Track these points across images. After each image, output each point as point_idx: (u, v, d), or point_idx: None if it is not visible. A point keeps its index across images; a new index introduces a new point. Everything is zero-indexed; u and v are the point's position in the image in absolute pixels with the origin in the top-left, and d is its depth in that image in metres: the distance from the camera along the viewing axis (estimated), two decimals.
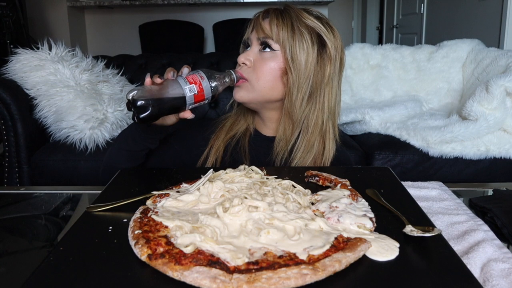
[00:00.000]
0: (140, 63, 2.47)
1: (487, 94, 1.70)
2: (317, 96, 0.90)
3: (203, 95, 0.78)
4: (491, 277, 0.52)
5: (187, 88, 0.76)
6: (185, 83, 0.76)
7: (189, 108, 0.78)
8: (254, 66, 0.90)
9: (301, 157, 0.92)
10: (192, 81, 0.76)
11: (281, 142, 0.94)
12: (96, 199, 0.64)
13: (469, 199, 0.80)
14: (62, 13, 4.01)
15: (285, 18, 0.89)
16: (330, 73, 0.90)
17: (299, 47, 0.87)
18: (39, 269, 0.44)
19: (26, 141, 1.84)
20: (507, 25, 2.47)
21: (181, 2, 3.99)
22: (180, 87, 0.75)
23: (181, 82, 0.76)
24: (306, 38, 0.88)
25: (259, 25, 0.90)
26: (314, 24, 0.89)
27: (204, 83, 0.78)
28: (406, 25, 4.18)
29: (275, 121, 0.98)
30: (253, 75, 0.90)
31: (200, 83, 0.77)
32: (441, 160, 1.74)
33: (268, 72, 0.89)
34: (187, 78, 0.77)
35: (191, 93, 0.76)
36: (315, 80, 0.89)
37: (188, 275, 0.42)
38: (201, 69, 0.80)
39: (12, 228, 0.76)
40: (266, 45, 0.89)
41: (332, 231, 0.52)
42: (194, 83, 0.76)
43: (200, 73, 0.78)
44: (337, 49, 0.91)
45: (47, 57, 1.90)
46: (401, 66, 2.36)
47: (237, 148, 0.97)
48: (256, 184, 0.64)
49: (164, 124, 0.85)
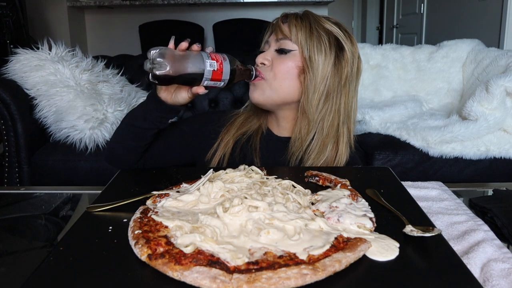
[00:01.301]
0: (140, 63, 2.47)
1: (487, 94, 1.70)
2: (334, 98, 0.91)
3: (220, 75, 0.78)
4: (491, 277, 0.52)
5: (208, 62, 0.76)
6: (207, 57, 0.76)
7: (204, 84, 0.78)
8: (272, 66, 0.92)
9: (314, 158, 0.93)
10: (215, 58, 0.77)
11: (297, 142, 0.95)
12: (96, 199, 0.64)
13: (469, 199, 0.80)
14: (62, 13, 4.01)
15: (304, 21, 0.91)
16: (347, 76, 0.92)
17: (317, 48, 0.89)
18: (39, 269, 0.45)
19: (26, 141, 1.84)
20: (507, 25, 2.47)
21: (181, 2, 3.99)
22: (202, 59, 0.76)
23: (204, 56, 0.76)
24: (324, 40, 0.90)
25: (278, 27, 0.93)
26: (332, 28, 0.92)
27: (225, 64, 0.78)
28: (406, 25, 4.18)
29: (290, 121, 0.98)
30: (270, 73, 0.91)
31: (222, 62, 0.78)
32: (441, 160, 1.74)
33: (286, 70, 0.90)
34: (211, 55, 0.77)
35: (210, 68, 0.76)
36: (332, 82, 0.91)
37: (188, 275, 0.42)
38: (226, 53, 0.81)
39: (12, 228, 0.76)
40: (283, 46, 0.91)
41: (332, 231, 0.52)
42: (216, 60, 0.77)
43: (224, 55, 0.79)
44: (355, 55, 0.94)
45: (47, 57, 1.90)
46: (401, 66, 2.36)
47: (247, 145, 0.97)
48: (256, 184, 0.64)
49: (175, 103, 0.83)
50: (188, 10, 4.26)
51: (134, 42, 4.11)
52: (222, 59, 0.78)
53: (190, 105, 2.33)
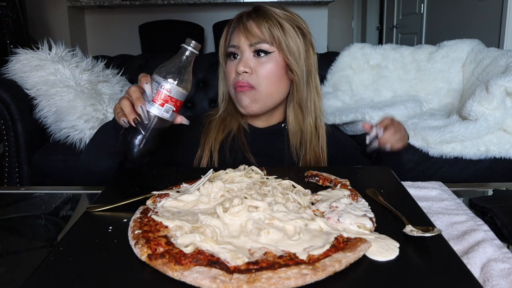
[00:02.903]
0: (140, 63, 2.47)
1: (487, 94, 1.70)
2: (312, 81, 0.96)
3: (180, 102, 0.72)
4: (491, 277, 0.52)
5: (164, 112, 0.70)
6: (158, 109, 0.70)
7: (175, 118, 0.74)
8: (256, 72, 0.90)
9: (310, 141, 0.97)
10: (161, 101, 0.70)
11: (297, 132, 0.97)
12: (96, 199, 0.64)
13: (469, 199, 0.80)
14: (62, 13, 4.01)
15: (269, 18, 0.91)
16: (314, 52, 0.97)
17: (291, 40, 0.91)
18: (39, 269, 0.44)
19: (26, 141, 1.84)
20: (507, 25, 2.47)
21: (181, 2, 3.99)
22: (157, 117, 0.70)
23: (154, 111, 0.70)
24: (291, 31, 0.92)
25: (248, 31, 0.91)
26: (290, 17, 0.94)
27: (173, 91, 0.70)
28: (406, 25, 4.18)
29: (273, 113, 1.00)
30: (258, 81, 0.90)
31: (170, 96, 0.70)
32: (441, 160, 1.74)
33: (272, 73, 0.91)
34: (155, 101, 0.70)
35: (169, 113, 0.71)
36: (308, 66, 0.95)
37: (188, 275, 0.42)
38: (156, 74, 0.71)
39: (12, 228, 0.76)
40: (260, 50, 0.91)
41: (332, 231, 0.52)
42: (165, 101, 0.70)
43: (162, 83, 0.69)
44: (311, 35, 0.98)
45: (47, 57, 1.89)
46: (401, 66, 2.36)
47: (234, 145, 0.97)
48: (256, 184, 0.64)
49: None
50: (188, 10, 4.26)
51: (134, 42, 4.11)
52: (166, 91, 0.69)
53: (190, 105, 2.33)
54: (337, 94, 2.21)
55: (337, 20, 4.79)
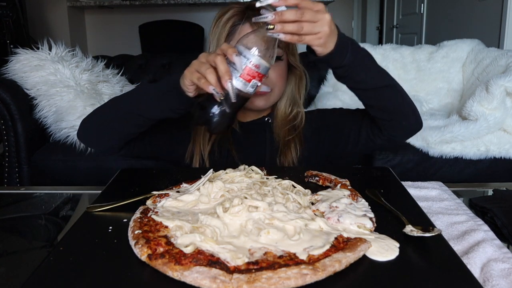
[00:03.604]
0: (140, 63, 2.47)
1: (487, 94, 1.70)
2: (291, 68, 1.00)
3: (265, 76, 0.70)
4: (491, 277, 0.52)
5: (250, 88, 0.69)
6: (244, 85, 0.68)
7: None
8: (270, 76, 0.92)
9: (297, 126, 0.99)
10: (249, 76, 0.67)
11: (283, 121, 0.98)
12: (96, 199, 0.64)
13: (469, 199, 0.80)
14: (62, 13, 4.01)
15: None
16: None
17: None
18: (39, 269, 0.45)
19: (26, 141, 1.84)
20: (507, 25, 2.47)
21: (181, 2, 3.99)
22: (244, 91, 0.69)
23: (240, 87, 0.68)
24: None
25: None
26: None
27: (261, 66, 0.67)
28: (406, 25, 4.18)
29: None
30: (272, 84, 0.94)
31: (257, 72, 0.68)
32: (441, 160, 1.74)
33: (283, 76, 0.96)
34: (242, 77, 0.67)
35: (253, 88, 0.69)
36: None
37: (188, 275, 0.42)
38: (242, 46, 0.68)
39: (12, 228, 0.76)
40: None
41: (332, 231, 0.52)
42: (252, 77, 0.67)
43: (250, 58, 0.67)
44: None
45: (47, 57, 1.89)
46: (401, 66, 2.36)
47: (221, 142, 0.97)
48: (256, 184, 0.64)
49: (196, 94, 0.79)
50: (188, 10, 4.26)
51: (134, 42, 4.11)
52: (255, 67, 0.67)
53: None
54: (337, 94, 2.20)
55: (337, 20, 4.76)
